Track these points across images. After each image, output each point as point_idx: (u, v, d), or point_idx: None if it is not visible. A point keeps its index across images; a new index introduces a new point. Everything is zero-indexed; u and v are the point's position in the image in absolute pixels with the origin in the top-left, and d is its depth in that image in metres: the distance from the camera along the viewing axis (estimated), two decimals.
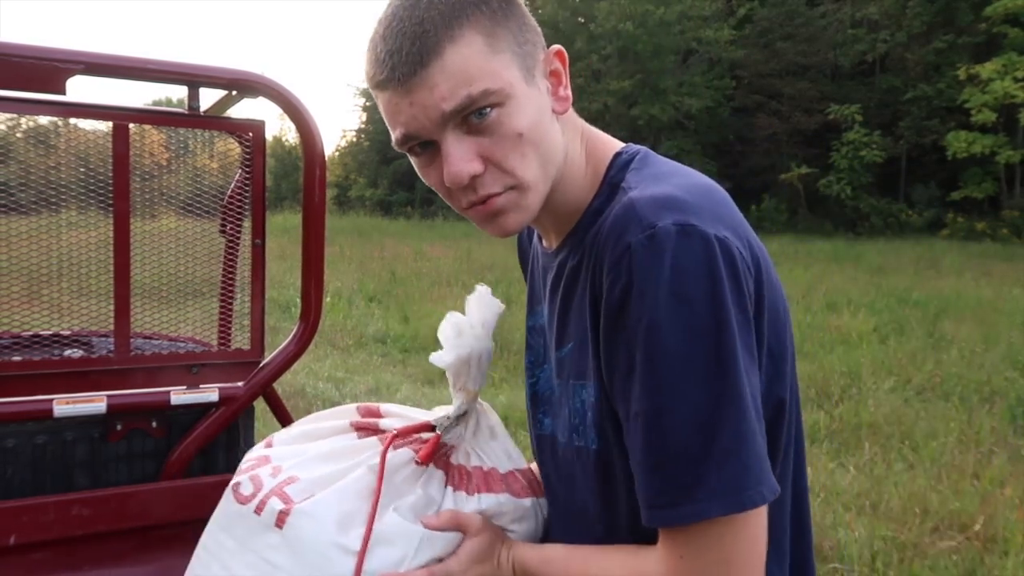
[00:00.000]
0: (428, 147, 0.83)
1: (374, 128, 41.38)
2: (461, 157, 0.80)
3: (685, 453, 0.73)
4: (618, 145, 0.93)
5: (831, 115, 26.61)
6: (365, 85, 0.87)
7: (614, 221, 0.79)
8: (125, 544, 1.50)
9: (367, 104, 42.82)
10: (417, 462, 0.98)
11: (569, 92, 0.87)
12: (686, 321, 0.73)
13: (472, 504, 0.98)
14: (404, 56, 0.78)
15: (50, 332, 1.71)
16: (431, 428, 1.01)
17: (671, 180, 0.82)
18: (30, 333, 1.65)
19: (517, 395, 5.59)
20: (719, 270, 0.74)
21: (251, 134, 1.62)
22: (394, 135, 0.83)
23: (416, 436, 1.01)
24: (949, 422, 5.02)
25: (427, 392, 5.73)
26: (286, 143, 41.80)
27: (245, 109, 1.65)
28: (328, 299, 8.51)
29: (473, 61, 0.78)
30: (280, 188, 37.62)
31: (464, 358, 0.99)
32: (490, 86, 0.78)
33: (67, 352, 1.69)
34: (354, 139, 45.27)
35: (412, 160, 0.86)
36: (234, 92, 1.57)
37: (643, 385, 0.75)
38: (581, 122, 0.92)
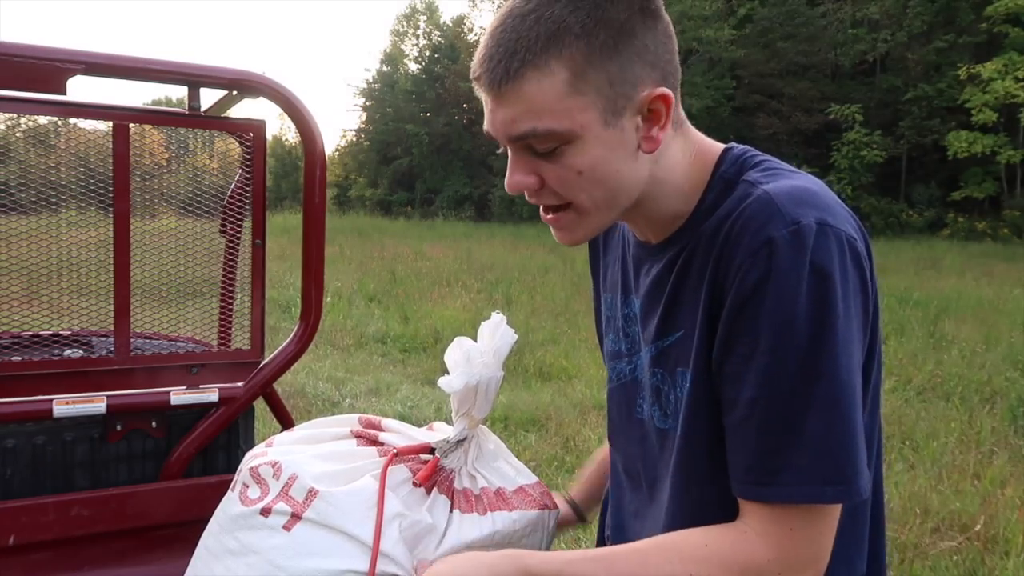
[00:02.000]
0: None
1: (374, 128, 41.41)
2: (518, 171, 0.85)
3: (807, 439, 0.78)
4: (718, 144, 0.94)
5: (831, 115, 26.61)
6: (364, 85, 0.86)
7: (752, 213, 0.80)
8: (125, 544, 1.50)
9: (367, 104, 42.85)
10: (415, 483, 0.97)
11: (662, 134, 0.86)
12: (818, 316, 0.77)
13: (486, 524, 0.97)
14: (494, 66, 0.81)
15: (50, 332, 1.71)
16: (430, 450, 1.01)
17: (796, 176, 0.86)
18: (30, 333, 1.65)
19: (516, 395, 5.60)
20: (850, 270, 0.79)
21: (251, 134, 1.62)
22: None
23: (415, 457, 1.00)
24: (950, 422, 5.02)
25: (427, 392, 5.73)
26: (286, 143, 41.83)
27: (245, 109, 1.65)
28: (328, 299, 8.51)
29: (549, 96, 0.80)
30: (280, 188, 37.65)
31: (472, 386, 0.98)
32: (556, 127, 0.81)
33: (67, 352, 1.69)
34: (354, 139, 45.28)
35: None
36: (234, 92, 1.57)
37: (768, 371, 0.78)
38: (686, 127, 0.92)
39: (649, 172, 0.88)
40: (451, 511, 0.98)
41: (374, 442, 1.05)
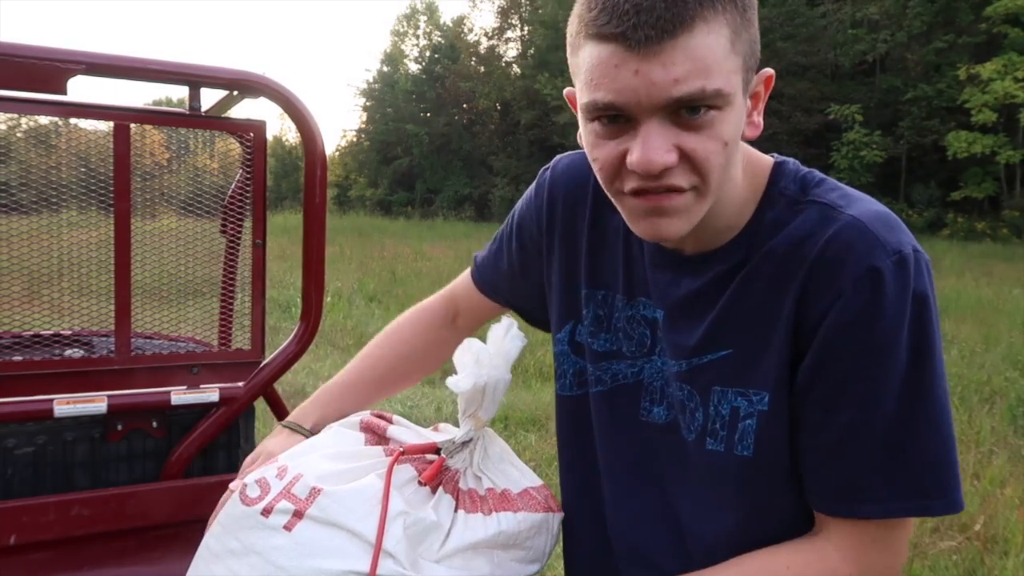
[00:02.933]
0: (619, 121, 0.77)
1: (374, 128, 41.41)
2: (661, 145, 0.75)
3: (910, 457, 0.80)
4: (763, 155, 0.92)
5: (831, 115, 26.61)
6: (365, 85, 0.84)
7: (848, 240, 0.79)
8: (125, 544, 1.50)
9: (367, 104, 42.85)
10: (420, 482, 0.98)
11: (762, 120, 0.84)
12: (920, 341, 0.79)
13: (491, 524, 0.98)
14: (654, 17, 0.71)
15: (51, 332, 1.71)
16: (436, 450, 1.01)
17: (866, 199, 0.85)
18: (31, 333, 1.65)
19: (516, 395, 5.59)
20: (934, 295, 0.81)
21: (252, 134, 1.62)
22: (589, 96, 0.77)
23: (420, 456, 1.01)
24: None
25: (427, 392, 5.73)
26: (286, 143, 41.84)
27: (246, 109, 1.65)
28: (328, 299, 8.50)
29: (718, 52, 0.73)
30: (280, 188, 37.67)
31: (480, 387, 0.99)
32: (724, 87, 0.74)
33: (67, 352, 1.69)
34: (354, 139, 45.30)
35: (587, 126, 0.81)
36: (235, 92, 1.57)
37: (868, 395, 0.79)
38: None
39: (736, 163, 0.85)
40: (456, 511, 0.98)
41: (381, 439, 1.05)
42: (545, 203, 1.06)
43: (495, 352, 1.01)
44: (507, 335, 1.02)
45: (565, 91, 0.88)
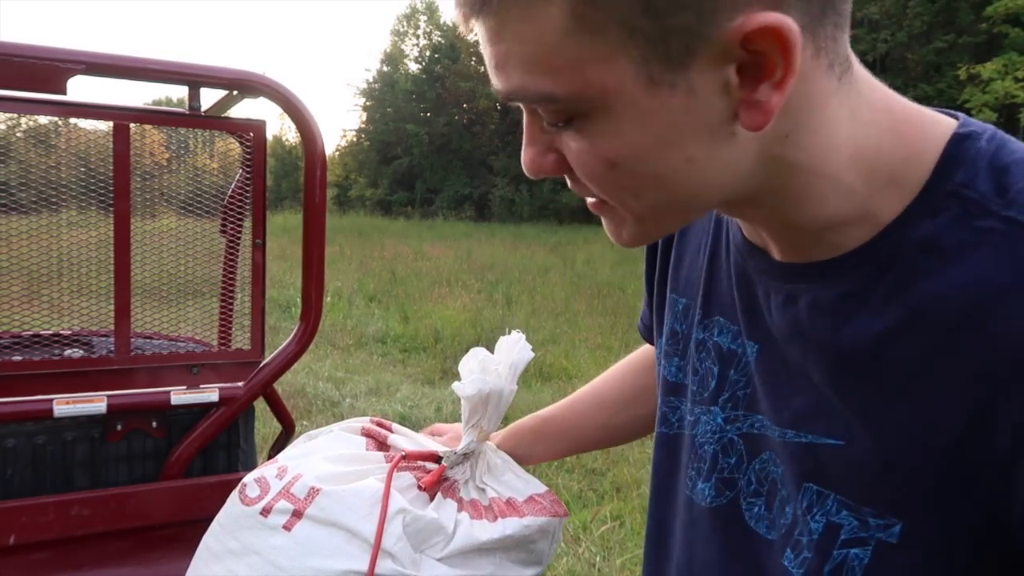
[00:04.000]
0: None
1: (374, 128, 41.43)
2: (531, 148, 0.55)
3: None
4: (936, 114, 0.55)
5: None
6: (365, 85, 0.77)
7: None
8: (125, 544, 1.50)
9: (367, 104, 42.87)
10: (420, 488, 0.98)
11: (779, 97, 0.47)
12: None
13: (497, 529, 0.97)
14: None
15: (50, 332, 1.71)
16: (437, 458, 1.01)
17: None
18: (30, 333, 1.65)
19: (517, 395, 5.58)
20: None
21: (252, 134, 1.62)
22: None
23: (420, 464, 1.01)
24: None
25: (427, 392, 5.73)
26: (286, 143, 41.85)
27: (246, 109, 1.66)
28: (328, 299, 8.51)
29: (543, 37, 0.47)
30: (280, 188, 37.68)
31: (485, 394, 0.98)
32: (555, 89, 0.48)
33: (67, 352, 1.69)
34: (354, 139, 45.31)
35: None
36: (235, 92, 1.57)
37: None
38: (858, 74, 0.55)
39: (773, 157, 0.52)
40: (459, 512, 0.98)
41: (382, 445, 1.05)
42: None
43: (501, 361, 1.00)
44: (516, 347, 1.01)
45: None
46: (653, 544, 0.78)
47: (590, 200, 0.57)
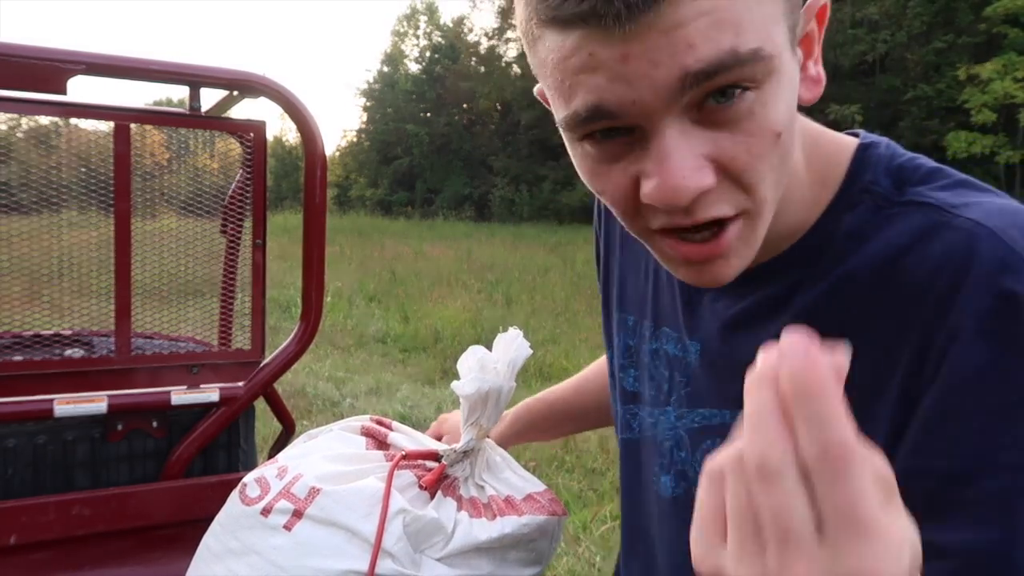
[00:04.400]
0: (619, 135, 0.53)
1: (374, 128, 41.43)
2: (686, 162, 0.50)
3: None
4: (842, 136, 0.66)
5: (831, 115, 26.60)
6: (365, 85, 0.75)
7: (966, 256, 0.54)
8: (125, 544, 1.50)
9: (367, 104, 42.87)
10: (421, 486, 0.98)
11: (822, 70, 0.58)
12: None
13: (495, 528, 0.98)
14: None
15: (51, 332, 1.71)
16: (437, 457, 1.01)
17: (991, 192, 0.60)
18: (31, 333, 1.65)
19: (517, 395, 5.58)
20: None
21: (252, 134, 1.62)
22: (565, 107, 0.52)
23: (420, 463, 1.01)
24: None
25: (427, 392, 5.73)
26: (286, 143, 41.86)
27: (246, 109, 1.66)
28: (328, 299, 8.50)
29: (742, 1, 0.48)
30: (280, 188, 37.68)
31: (484, 392, 0.98)
32: (763, 45, 0.49)
33: (68, 352, 1.69)
34: (354, 139, 45.33)
35: (576, 147, 0.56)
36: (235, 92, 1.57)
37: (1010, 502, 0.51)
38: None
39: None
40: (458, 512, 0.98)
41: (382, 444, 1.05)
42: (602, 221, 0.89)
43: (500, 359, 1.00)
44: (513, 344, 1.02)
45: (535, 89, 0.63)
46: (627, 551, 0.85)
47: (699, 240, 0.55)
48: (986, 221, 0.55)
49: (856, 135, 0.66)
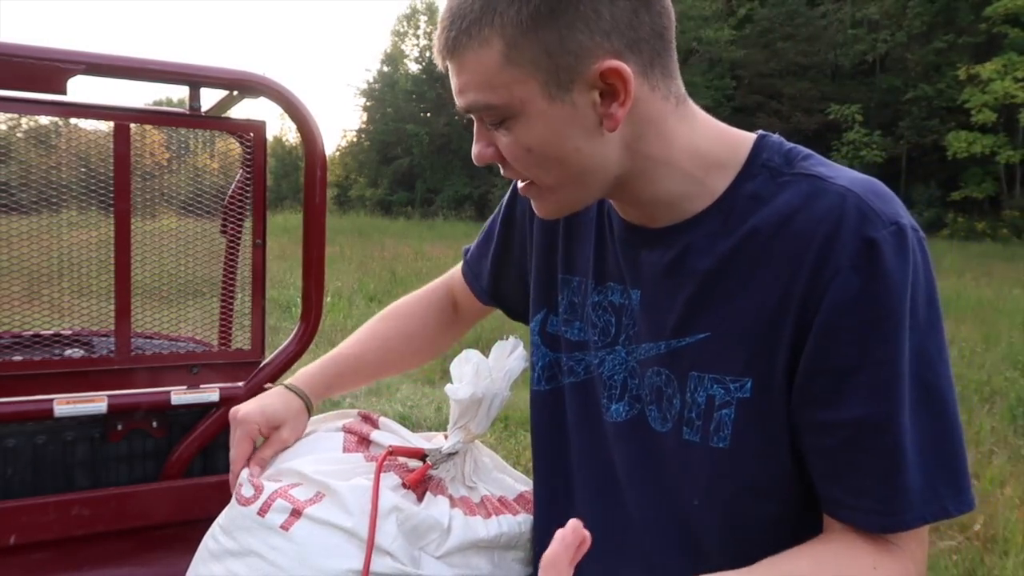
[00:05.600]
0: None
1: (374, 128, 41.41)
2: (478, 141, 0.83)
3: (925, 455, 0.73)
4: (745, 132, 0.88)
5: (831, 115, 26.61)
6: (365, 85, 0.90)
7: (840, 211, 0.74)
8: (125, 544, 1.50)
9: (367, 104, 42.85)
10: (405, 485, 0.98)
11: (622, 111, 0.77)
12: (924, 323, 0.74)
13: (492, 526, 0.97)
14: (442, 35, 0.79)
15: (51, 332, 1.71)
16: (422, 456, 1.01)
17: (854, 172, 0.80)
18: (31, 333, 1.65)
19: (517, 395, 5.59)
20: (934, 273, 0.76)
21: (252, 134, 1.62)
22: None
23: (403, 462, 1.01)
24: None
25: (427, 392, 5.73)
26: (286, 143, 41.83)
27: (246, 109, 1.65)
28: (328, 299, 8.50)
29: (488, 68, 0.76)
30: (280, 188, 37.65)
31: (477, 398, 0.98)
32: (494, 101, 0.77)
33: (68, 352, 1.69)
34: (354, 139, 45.31)
35: None
36: (235, 92, 1.57)
37: (875, 387, 0.72)
38: (690, 106, 0.85)
39: (632, 150, 0.81)
40: (452, 508, 0.98)
41: (362, 441, 1.05)
42: (512, 210, 1.09)
43: (495, 367, 1.00)
44: (511, 354, 1.01)
45: None
46: (552, 489, 0.98)
47: (520, 184, 0.85)
48: (852, 187, 0.76)
49: (757, 132, 0.87)
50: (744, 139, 0.85)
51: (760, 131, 0.86)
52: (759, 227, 0.79)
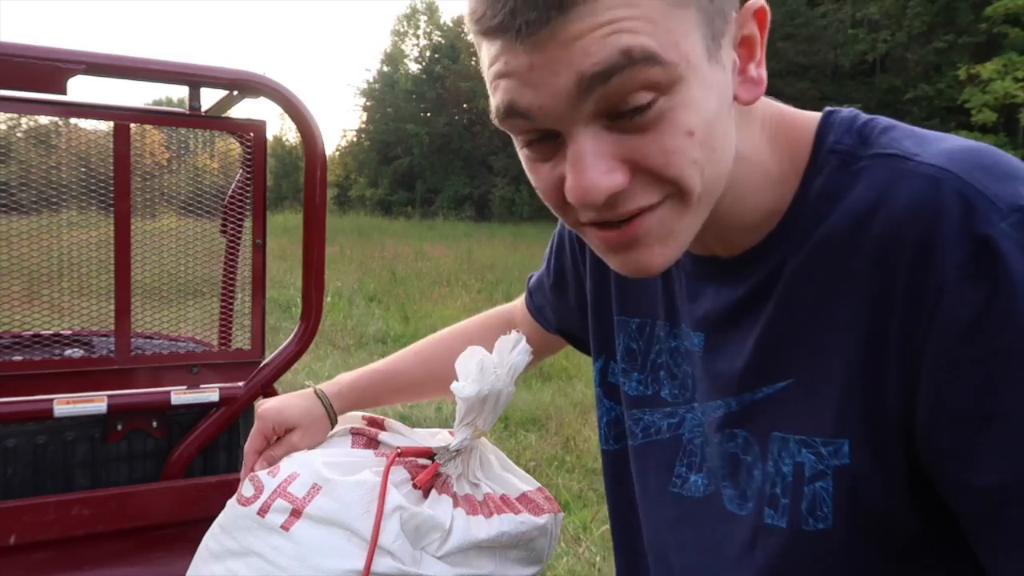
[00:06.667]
0: (547, 140, 0.57)
1: (374, 128, 41.43)
2: (597, 164, 0.54)
3: None
4: (806, 112, 0.68)
5: None
6: (365, 85, 0.78)
7: (934, 202, 0.54)
8: (125, 544, 1.50)
9: (367, 104, 42.87)
10: (415, 485, 0.98)
11: (764, 72, 0.60)
12: None
13: (494, 525, 0.97)
14: None
15: (51, 332, 1.71)
16: (431, 455, 1.01)
17: (950, 138, 0.60)
18: (31, 333, 1.65)
19: (517, 395, 5.59)
20: None
21: (252, 134, 1.62)
22: (493, 103, 0.57)
23: (413, 461, 1.01)
24: None
25: None
26: (286, 143, 41.85)
27: (246, 109, 1.66)
28: (328, 299, 8.51)
29: (649, 6, 0.51)
30: (280, 188, 37.68)
31: (483, 395, 0.98)
32: (659, 51, 0.51)
33: (68, 352, 1.69)
34: (354, 139, 45.32)
35: (519, 147, 0.61)
36: (235, 92, 1.57)
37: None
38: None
39: (734, 145, 0.61)
40: (455, 509, 0.98)
41: (370, 442, 1.05)
42: (561, 249, 0.91)
43: (500, 363, 1.00)
44: (515, 348, 1.01)
45: None
46: (627, 567, 0.84)
47: (622, 226, 0.58)
48: (949, 165, 0.55)
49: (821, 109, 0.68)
50: (809, 121, 0.65)
51: (828, 107, 0.67)
52: (831, 237, 0.60)
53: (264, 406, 1.05)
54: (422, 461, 1.01)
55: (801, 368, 0.62)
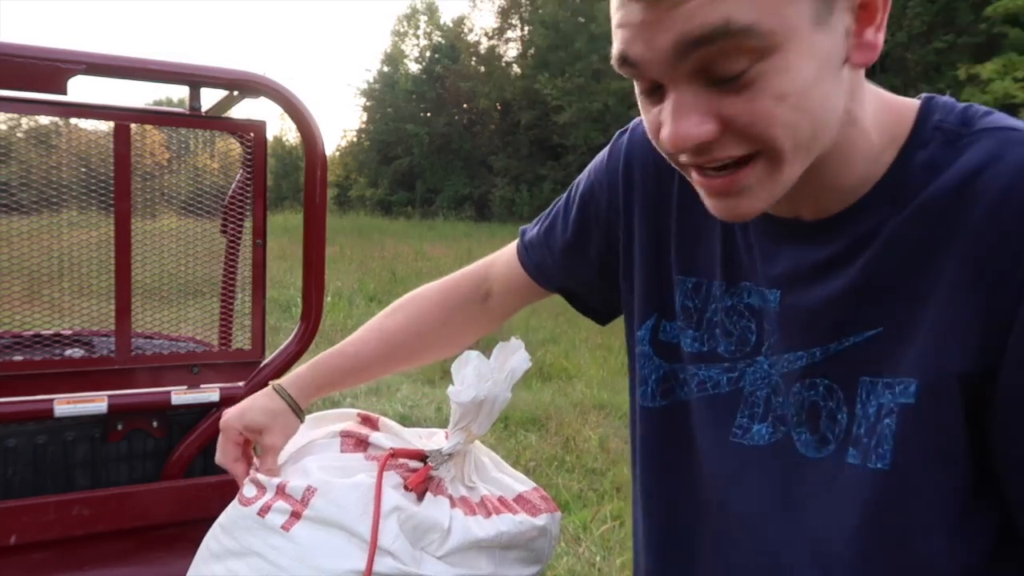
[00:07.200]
0: (656, 90, 0.63)
1: (374, 128, 41.43)
2: (689, 116, 0.59)
3: None
4: (902, 97, 0.72)
5: None
6: (365, 85, 0.77)
7: None
8: (125, 544, 1.50)
9: (367, 104, 42.87)
10: (407, 487, 0.98)
11: (881, 37, 0.61)
12: None
13: (492, 525, 0.97)
14: None
15: (51, 332, 1.71)
16: (423, 457, 1.01)
17: None
18: (31, 333, 1.65)
19: (516, 395, 5.59)
20: None
21: (252, 134, 1.63)
22: (613, 48, 0.62)
23: (404, 464, 1.01)
24: None
25: (427, 392, 5.73)
26: (286, 143, 41.84)
27: (246, 109, 1.66)
28: (329, 299, 8.50)
29: None
30: (280, 188, 37.67)
31: (479, 401, 0.98)
32: (758, 22, 0.55)
33: (68, 352, 1.69)
34: (354, 139, 45.31)
35: (637, 91, 0.66)
36: (235, 92, 1.57)
37: None
38: None
39: (846, 107, 0.63)
40: (452, 509, 0.98)
41: (360, 443, 1.05)
42: (621, 175, 0.88)
43: (497, 368, 1.00)
44: (513, 355, 1.01)
45: None
46: (651, 528, 0.85)
47: (718, 177, 0.62)
48: None
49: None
50: (909, 103, 0.69)
51: (925, 93, 0.71)
52: (935, 196, 0.63)
53: (226, 415, 1.03)
54: (413, 464, 1.01)
55: (890, 317, 0.65)
